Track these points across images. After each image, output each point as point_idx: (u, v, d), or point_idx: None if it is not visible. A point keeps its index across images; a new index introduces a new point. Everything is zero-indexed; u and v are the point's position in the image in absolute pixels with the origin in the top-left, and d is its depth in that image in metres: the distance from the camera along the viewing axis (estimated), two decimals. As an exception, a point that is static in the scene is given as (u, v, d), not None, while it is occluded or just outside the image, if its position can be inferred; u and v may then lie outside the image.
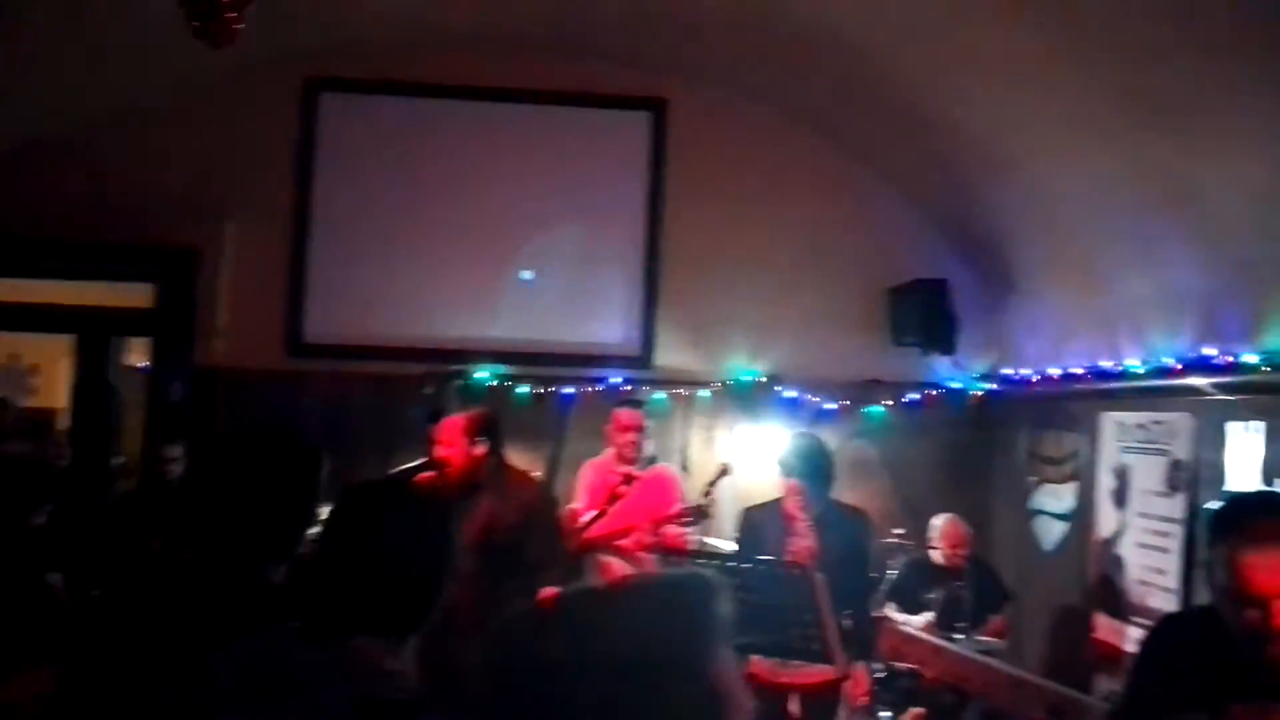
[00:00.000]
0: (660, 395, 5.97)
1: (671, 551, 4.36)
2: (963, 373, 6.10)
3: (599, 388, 5.98)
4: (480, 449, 4.04)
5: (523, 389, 5.93)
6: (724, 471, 4.39)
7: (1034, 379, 5.55)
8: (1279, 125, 3.53)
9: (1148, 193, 4.31)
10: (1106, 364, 4.86)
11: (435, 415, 5.24)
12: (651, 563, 4.42)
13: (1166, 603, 4.36)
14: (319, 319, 5.96)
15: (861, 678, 4.06)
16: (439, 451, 4.10)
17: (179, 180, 5.79)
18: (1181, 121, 3.90)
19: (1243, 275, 4.00)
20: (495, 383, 5.95)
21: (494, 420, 4.23)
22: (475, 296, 6.06)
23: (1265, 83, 3.48)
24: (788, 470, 4.13)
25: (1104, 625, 4.85)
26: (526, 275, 6.03)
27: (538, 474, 5.56)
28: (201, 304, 5.86)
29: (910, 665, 4.10)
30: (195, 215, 5.76)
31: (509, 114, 6.11)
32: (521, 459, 5.42)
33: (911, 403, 6.06)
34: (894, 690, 4.66)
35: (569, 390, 5.97)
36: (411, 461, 5.32)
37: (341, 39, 5.85)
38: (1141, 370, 4.58)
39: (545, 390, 5.96)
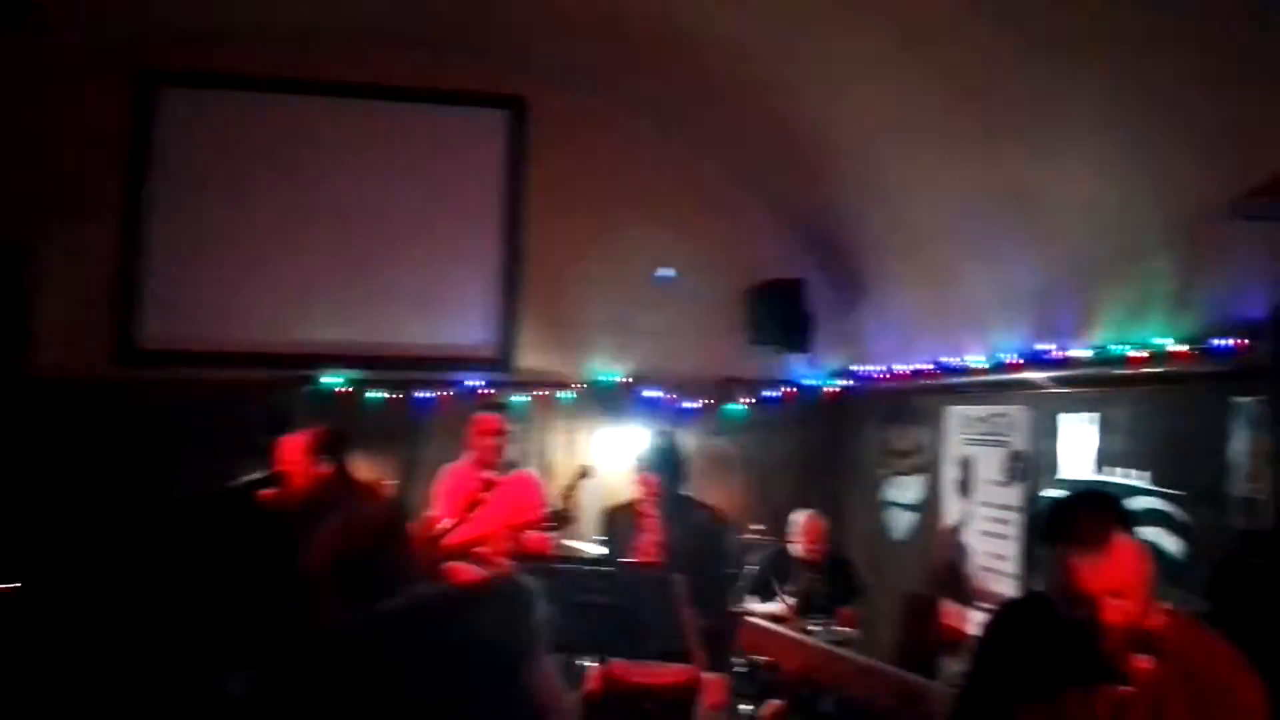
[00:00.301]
0: (520, 398, 5.90)
1: (533, 557, 4.26)
2: (817, 370, 6.23)
3: (457, 391, 5.85)
4: (325, 468, 3.83)
5: (376, 394, 5.76)
6: (584, 474, 4.33)
7: (883, 375, 5.71)
8: (1107, 134, 3.72)
9: (989, 197, 4.48)
10: (951, 360, 5.03)
11: (278, 426, 4.98)
12: (513, 569, 4.32)
13: (1008, 587, 4.52)
14: (154, 324, 5.64)
15: (717, 682, 4.06)
16: (282, 468, 3.89)
17: (3, 176, 5.36)
18: (1021, 129, 4.05)
19: (1075, 274, 4.18)
20: (346, 388, 5.75)
21: (339, 436, 4.01)
22: (324, 299, 5.84)
23: (1095, 94, 3.66)
24: (640, 466, 4.11)
25: (950, 610, 4.99)
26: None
27: (389, 484, 5.40)
28: (29, 307, 5.45)
29: (769, 659, 4.14)
30: (22, 213, 5.36)
31: (359, 110, 5.89)
32: (375, 466, 5.26)
33: (769, 400, 6.16)
34: (753, 683, 4.69)
35: (425, 394, 5.83)
36: (254, 474, 5.11)
37: (178, 30, 5.52)
38: (982, 366, 4.75)
39: (400, 395, 5.81)
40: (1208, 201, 3.34)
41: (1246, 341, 3.36)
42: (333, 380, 5.75)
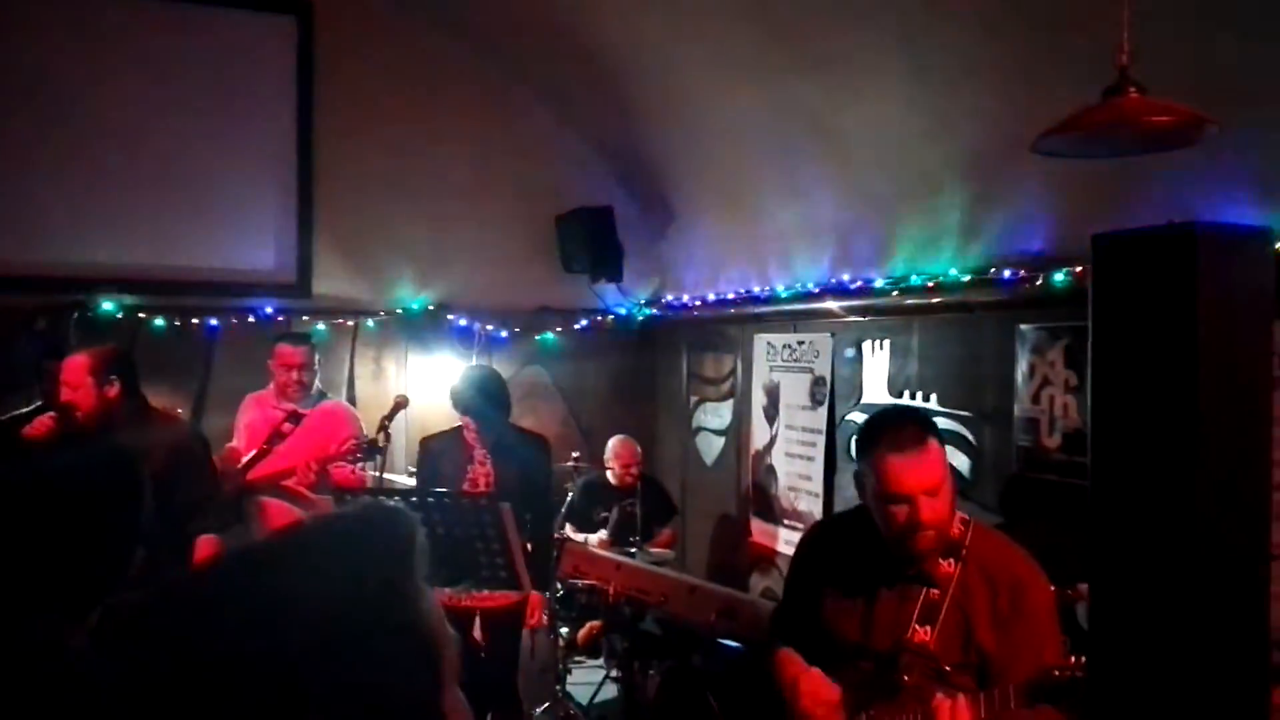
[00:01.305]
0: (321, 326, 5.63)
1: (345, 490, 4.11)
2: (628, 299, 6.26)
3: (251, 319, 5.52)
4: (112, 389, 3.62)
5: (159, 321, 5.35)
6: (400, 405, 4.19)
7: (693, 304, 5.79)
8: (903, 73, 3.86)
9: (792, 131, 4.55)
10: (757, 290, 5.15)
11: (54, 352, 4.56)
12: (324, 504, 4.15)
13: (812, 505, 4.75)
14: None
15: (538, 599, 4.10)
16: (64, 394, 3.57)
17: None
18: (821, 64, 4.11)
19: (872, 207, 4.34)
20: (125, 315, 5.29)
21: (126, 356, 3.78)
22: (99, 218, 5.29)
23: (892, 35, 3.78)
24: (463, 404, 4.02)
25: (759, 529, 5.22)
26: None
27: (180, 413, 5.05)
28: None
29: (590, 582, 4.21)
30: None
31: (130, 9, 5.30)
32: (162, 398, 4.88)
33: (582, 329, 6.15)
34: (573, 607, 4.78)
35: (215, 321, 5.47)
36: (24, 406, 4.65)
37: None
38: (786, 295, 4.89)
39: (186, 322, 5.42)
40: (997, 137, 3.55)
41: (1029, 272, 3.63)
42: (109, 307, 5.25)
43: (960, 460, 3.85)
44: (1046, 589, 2.24)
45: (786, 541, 4.88)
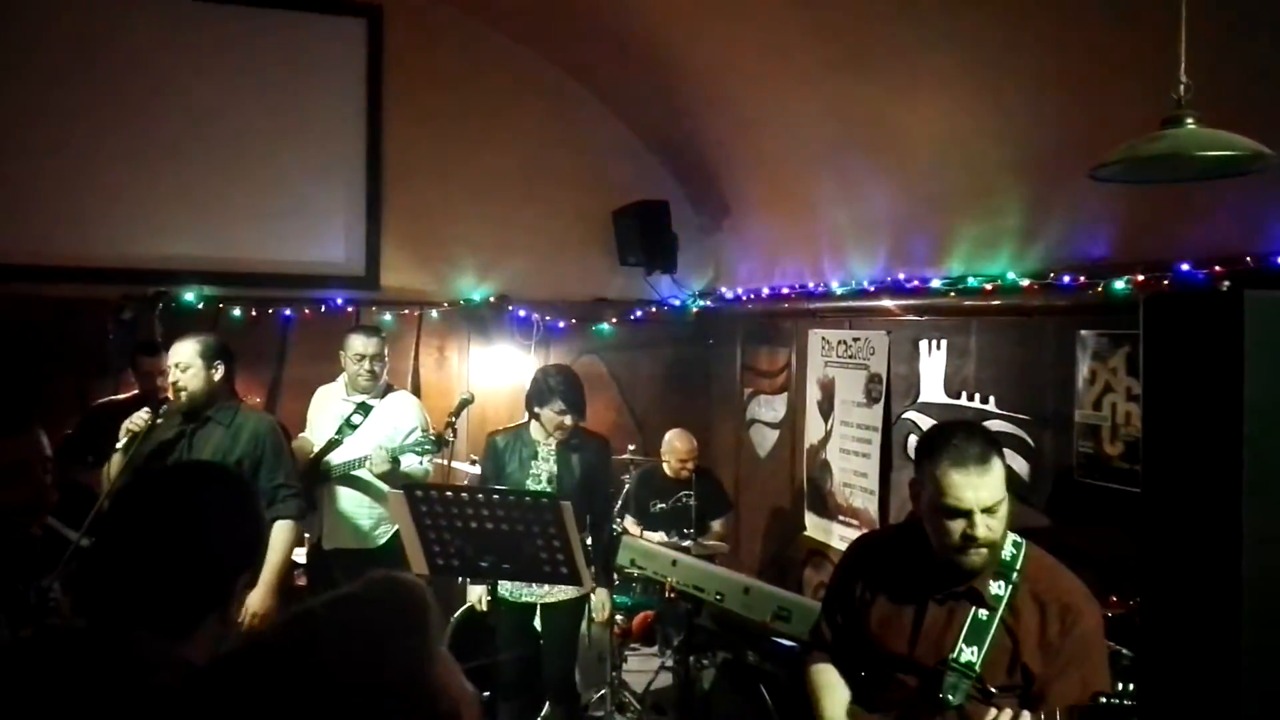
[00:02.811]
0: (388, 317, 5.77)
1: (412, 480, 4.23)
2: (683, 291, 6.27)
3: (323, 309, 5.67)
4: (218, 373, 3.84)
5: (236, 311, 5.52)
6: (466, 403, 4.29)
7: (747, 298, 5.77)
8: (963, 78, 3.80)
9: (848, 128, 4.51)
10: (812, 285, 5.12)
11: (148, 347, 4.77)
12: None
13: (868, 503, 4.71)
14: None
15: (605, 595, 4.19)
16: (172, 375, 3.80)
17: None
18: (880, 65, 4.06)
19: (929, 207, 4.28)
20: (205, 305, 5.47)
21: (227, 345, 3.98)
22: (179, 213, 5.47)
23: (955, 42, 3.73)
24: (569, 400, 4.05)
25: (813, 524, 5.20)
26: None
27: (259, 402, 5.24)
28: None
29: (646, 574, 4.26)
30: None
31: (211, 15, 5.44)
32: (240, 386, 5.05)
33: (637, 319, 6.18)
34: (631, 598, 4.86)
35: (288, 312, 5.63)
36: (111, 393, 4.87)
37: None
38: (842, 291, 4.86)
39: (263, 313, 5.58)
40: (1057, 141, 3.46)
41: (1089, 279, 3.58)
42: (190, 298, 5.43)
43: (1019, 464, 3.81)
44: (1097, 616, 2.22)
45: (841, 537, 4.86)
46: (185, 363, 3.80)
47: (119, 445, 3.78)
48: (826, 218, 4.97)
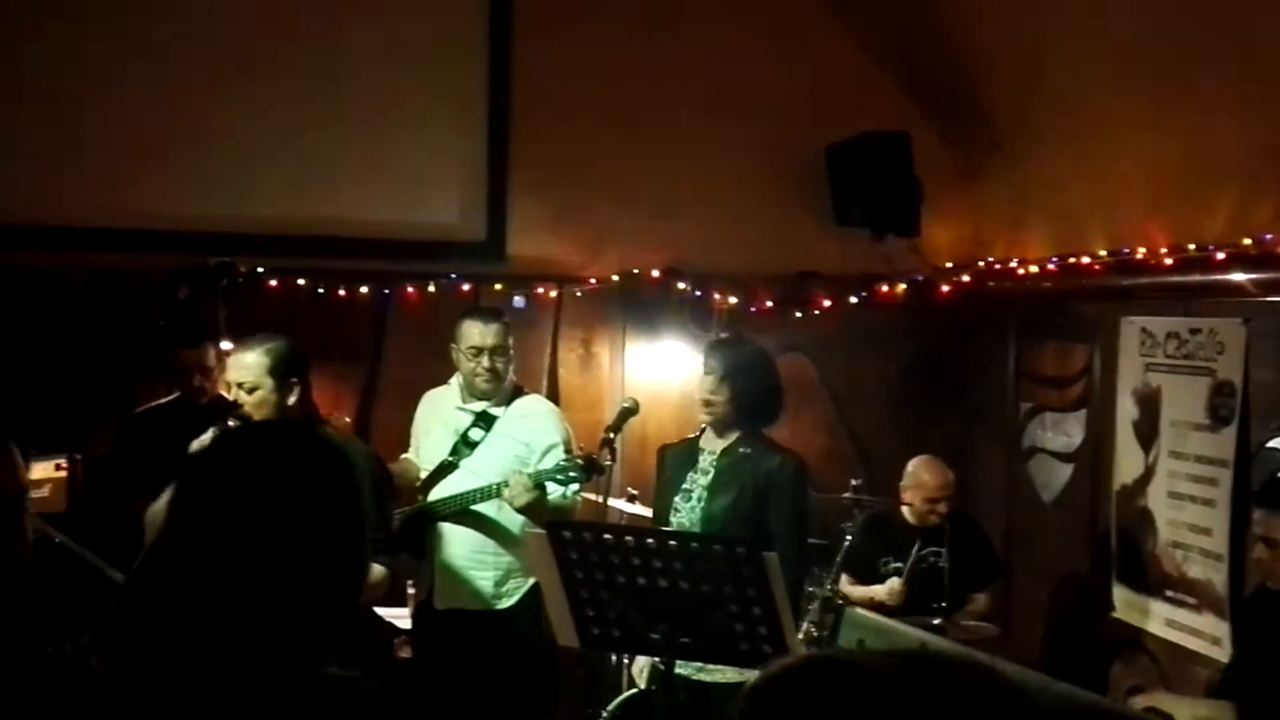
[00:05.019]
0: (517, 299, 5.85)
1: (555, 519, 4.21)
2: (929, 261, 6.14)
3: (431, 287, 5.81)
4: (292, 395, 3.95)
5: (319, 289, 5.70)
6: (629, 411, 4.29)
7: (1026, 270, 5.59)
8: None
9: (1181, 22, 4.33)
10: (1126, 250, 4.91)
11: (189, 336, 4.94)
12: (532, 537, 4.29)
13: (1210, 572, 4.51)
14: (8, 189, 5.47)
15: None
16: (210, 377, 3.90)
17: None
18: None
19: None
20: (279, 281, 5.66)
21: (303, 352, 4.10)
22: (247, 162, 5.70)
23: None
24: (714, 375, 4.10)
25: (1125, 600, 5.02)
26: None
27: (343, 417, 5.34)
28: None
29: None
30: None
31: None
32: (323, 392, 5.19)
33: (861, 303, 6.09)
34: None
35: (387, 290, 5.80)
36: (161, 397, 5.07)
37: None
38: (1172, 262, 4.65)
39: (354, 291, 5.74)
40: None
41: None
42: (261, 270, 5.60)
43: None
44: None
45: (1168, 621, 4.69)
46: (251, 382, 3.89)
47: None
48: (1146, 152, 4.80)
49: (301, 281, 5.68)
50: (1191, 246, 4.53)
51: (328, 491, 1.62)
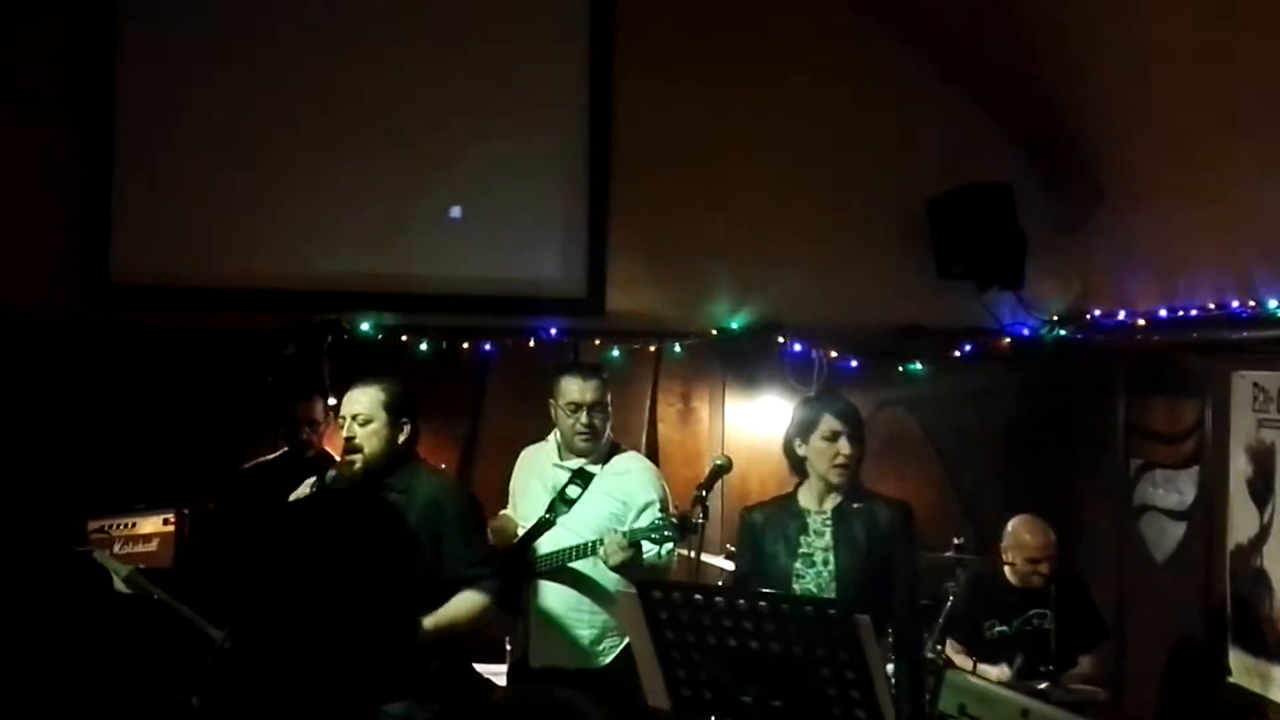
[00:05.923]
0: (615, 352, 5.94)
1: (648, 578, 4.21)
2: (1034, 315, 6.11)
3: (531, 342, 5.90)
4: (403, 433, 4.07)
5: (422, 344, 5.83)
6: (721, 469, 4.27)
7: (1134, 323, 5.58)
8: None
9: None
10: (1236, 303, 4.89)
11: (300, 391, 5.07)
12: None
13: None
14: (131, 252, 5.76)
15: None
16: (317, 430, 4.03)
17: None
18: None
19: None
20: (383, 336, 5.83)
21: (414, 396, 4.21)
22: (352, 221, 5.88)
23: None
24: (809, 423, 4.12)
25: (1241, 665, 4.91)
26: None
27: (445, 468, 5.43)
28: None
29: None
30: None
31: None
32: (425, 445, 5.29)
33: (965, 357, 6.09)
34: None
35: (488, 346, 5.90)
36: (270, 452, 5.22)
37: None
38: None
39: (456, 346, 5.87)
40: None
41: None
42: (366, 327, 5.79)
43: None
44: None
45: None
46: (366, 414, 3.99)
47: None
48: (1261, 203, 4.70)
49: (404, 338, 5.82)
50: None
51: (379, 555, 1.67)
